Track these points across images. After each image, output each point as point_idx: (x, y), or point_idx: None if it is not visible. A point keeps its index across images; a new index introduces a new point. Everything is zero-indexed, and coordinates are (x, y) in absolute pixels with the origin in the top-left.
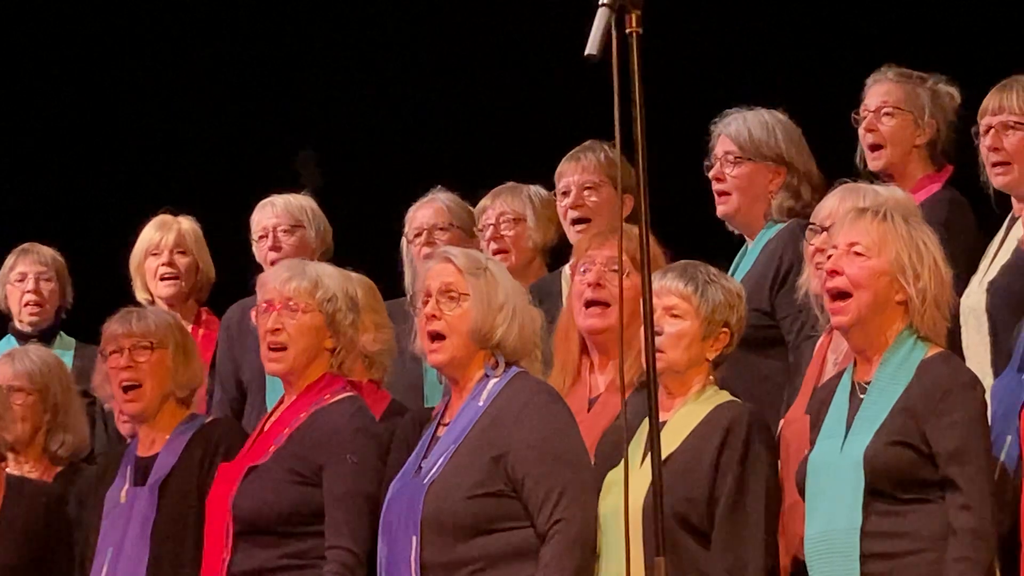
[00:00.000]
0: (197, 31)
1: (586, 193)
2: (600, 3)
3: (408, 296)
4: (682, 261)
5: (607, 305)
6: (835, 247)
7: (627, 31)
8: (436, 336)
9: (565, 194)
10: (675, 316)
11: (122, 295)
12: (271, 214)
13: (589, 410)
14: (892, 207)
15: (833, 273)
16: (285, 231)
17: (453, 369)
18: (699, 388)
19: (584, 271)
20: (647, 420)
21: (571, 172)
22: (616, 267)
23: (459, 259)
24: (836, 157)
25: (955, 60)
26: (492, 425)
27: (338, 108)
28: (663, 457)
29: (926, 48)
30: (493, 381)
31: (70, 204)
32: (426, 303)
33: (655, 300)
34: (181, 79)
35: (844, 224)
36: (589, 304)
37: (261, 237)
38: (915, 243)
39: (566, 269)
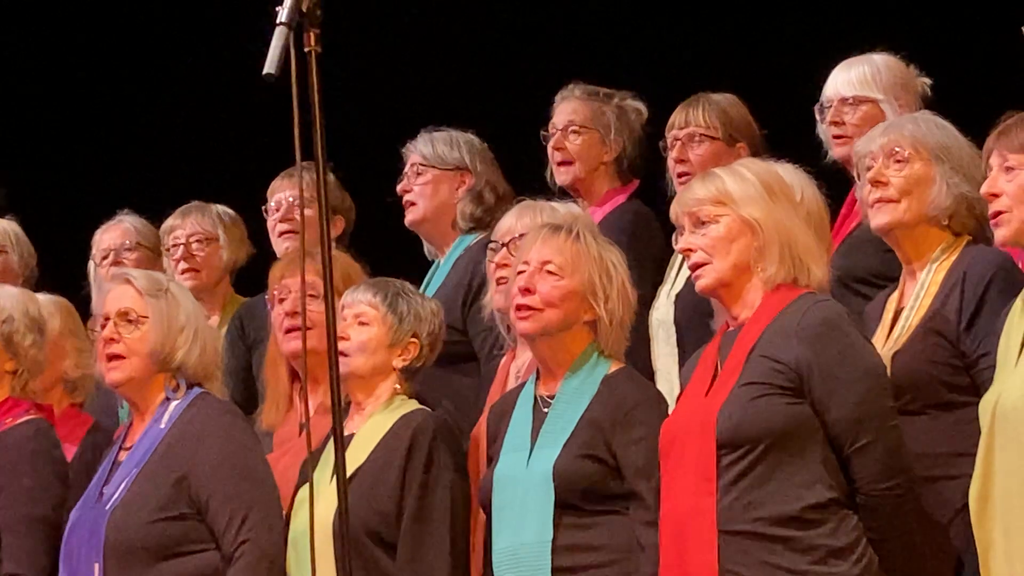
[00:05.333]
0: None
1: (296, 209)
2: (277, 22)
3: None
4: (379, 278)
5: (308, 329)
6: (527, 263)
7: (305, 50)
8: (114, 357)
9: (277, 209)
10: (362, 324)
11: None
12: None
13: (300, 434)
14: (581, 226)
15: (525, 291)
16: None
17: (132, 391)
18: (387, 398)
19: (281, 300)
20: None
21: (283, 188)
22: (313, 292)
23: (139, 280)
24: (526, 174)
25: (644, 78)
26: (174, 447)
27: (20, 128)
28: (351, 472)
29: (615, 65)
30: (175, 403)
31: None
32: (104, 326)
33: (347, 311)
34: None
35: (537, 241)
36: (289, 331)
37: None
38: (605, 265)
39: None
